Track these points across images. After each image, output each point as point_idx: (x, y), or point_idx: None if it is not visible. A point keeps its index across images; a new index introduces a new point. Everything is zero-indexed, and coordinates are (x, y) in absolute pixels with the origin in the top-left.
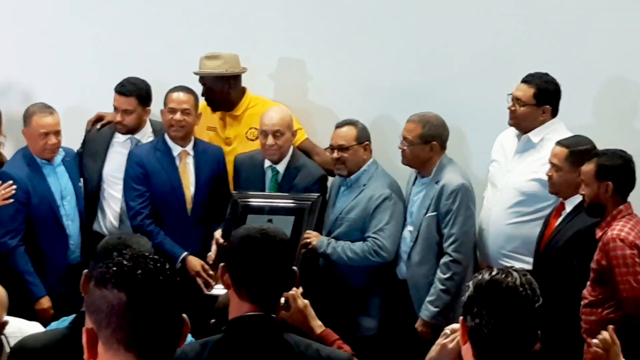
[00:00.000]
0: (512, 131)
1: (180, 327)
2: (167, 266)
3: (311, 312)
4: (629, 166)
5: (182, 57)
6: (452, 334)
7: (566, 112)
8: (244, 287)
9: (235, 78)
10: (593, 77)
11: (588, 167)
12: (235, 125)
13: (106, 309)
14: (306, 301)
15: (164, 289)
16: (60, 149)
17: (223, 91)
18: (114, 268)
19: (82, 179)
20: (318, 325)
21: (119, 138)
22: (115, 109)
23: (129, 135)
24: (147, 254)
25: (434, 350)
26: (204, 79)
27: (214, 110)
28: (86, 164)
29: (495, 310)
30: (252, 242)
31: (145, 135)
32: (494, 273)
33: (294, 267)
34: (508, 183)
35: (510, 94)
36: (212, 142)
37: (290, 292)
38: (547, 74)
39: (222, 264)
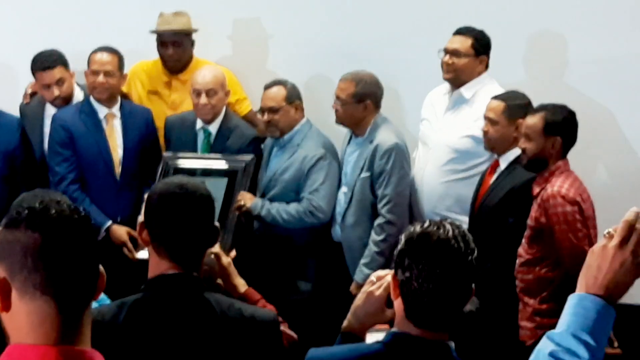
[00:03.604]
0: (442, 89)
1: (96, 277)
2: (83, 212)
3: (234, 270)
4: (575, 121)
5: (120, 18)
6: (379, 281)
7: (495, 69)
8: (162, 244)
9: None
10: (519, 33)
11: (533, 121)
12: (182, 89)
13: (19, 252)
14: (229, 258)
15: (79, 229)
16: None
17: (187, 50)
18: (26, 211)
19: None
20: (242, 284)
21: (51, 110)
22: (47, 87)
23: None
24: (59, 199)
25: (360, 298)
26: (165, 36)
27: (172, 72)
28: (31, 139)
29: (426, 263)
30: (171, 197)
31: (79, 100)
32: (425, 225)
33: (216, 223)
34: (440, 141)
35: (443, 49)
36: (155, 107)
37: (214, 249)
38: (474, 27)
39: (140, 220)
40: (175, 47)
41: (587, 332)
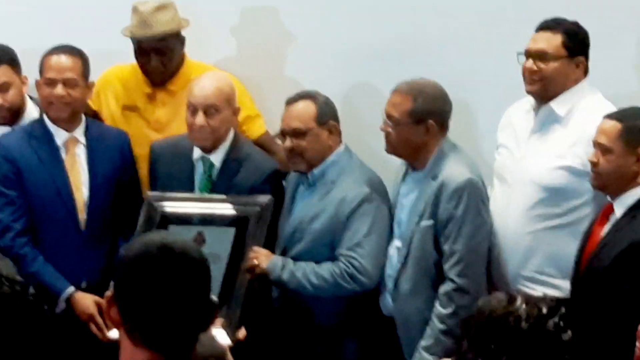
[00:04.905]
0: (525, 104)
1: None
2: (31, 291)
3: (230, 358)
4: None
5: (85, 9)
6: None
7: (596, 76)
8: (137, 327)
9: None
10: (627, 26)
11: None
12: (171, 103)
13: None
14: (227, 343)
15: (20, 321)
16: None
17: (174, 55)
18: None
19: None
20: None
21: None
22: None
23: (7, 128)
24: (1, 273)
25: None
26: (144, 42)
27: (156, 84)
28: None
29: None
30: (148, 263)
31: (32, 119)
32: (492, 301)
33: (213, 298)
34: (524, 175)
35: (524, 51)
36: (133, 128)
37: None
38: (565, 18)
39: (108, 293)
40: (160, 56)
41: None
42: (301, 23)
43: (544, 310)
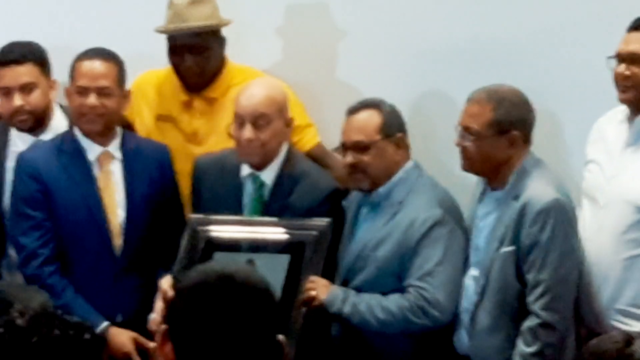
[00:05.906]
0: (617, 115)
1: None
2: (88, 336)
3: None
4: None
5: (118, 9)
6: None
7: None
8: None
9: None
10: None
11: None
12: (210, 113)
13: None
14: None
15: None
16: None
17: (212, 55)
18: (1, 330)
19: None
20: None
21: (16, 144)
22: (6, 91)
23: (32, 138)
24: (54, 312)
25: None
26: (178, 39)
27: (193, 89)
28: None
29: None
30: (207, 293)
31: (59, 130)
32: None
33: (279, 337)
34: (617, 194)
35: (614, 55)
36: (168, 140)
37: None
38: None
39: (163, 327)
40: (196, 55)
41: None
42: (360, 20)
43: None
